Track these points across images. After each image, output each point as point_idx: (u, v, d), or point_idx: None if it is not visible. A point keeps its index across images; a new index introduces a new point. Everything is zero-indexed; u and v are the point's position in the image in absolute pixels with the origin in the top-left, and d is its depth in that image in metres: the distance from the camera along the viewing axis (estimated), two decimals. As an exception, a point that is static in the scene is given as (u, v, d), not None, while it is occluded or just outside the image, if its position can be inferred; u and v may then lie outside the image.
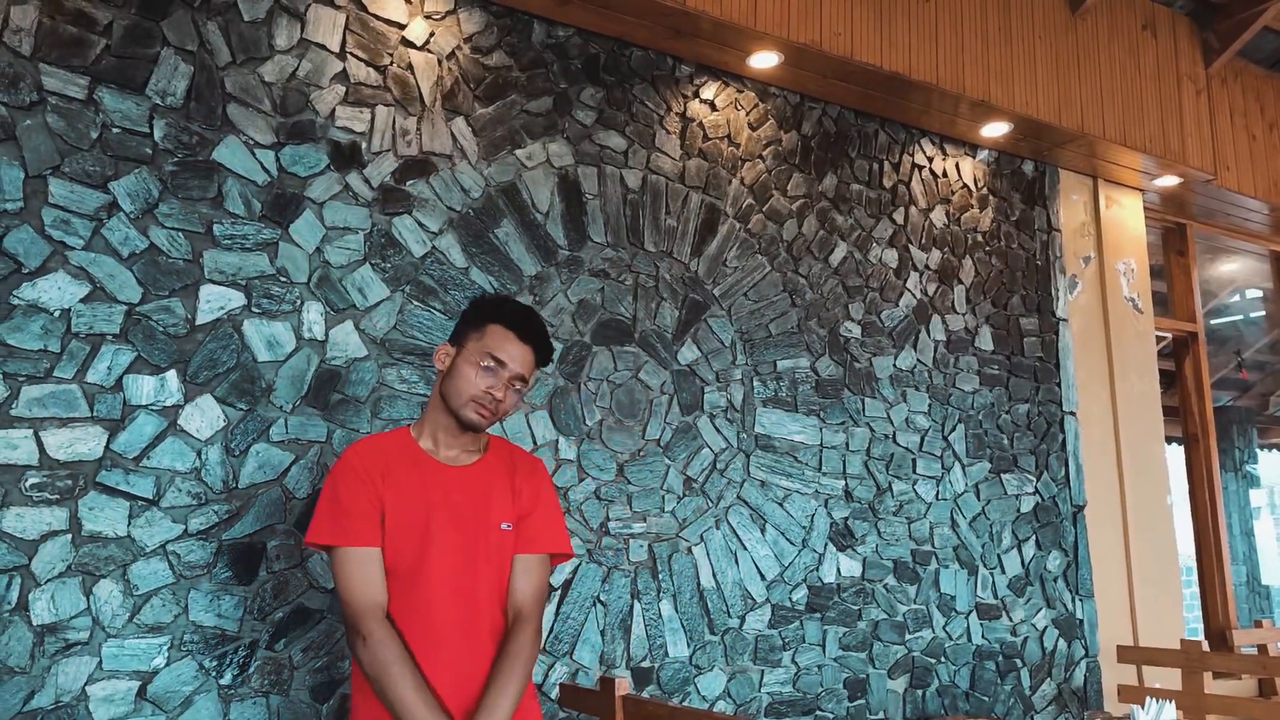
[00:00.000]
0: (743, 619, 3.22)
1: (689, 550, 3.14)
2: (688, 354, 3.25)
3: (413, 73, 2.85)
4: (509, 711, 1.89)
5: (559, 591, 2.87)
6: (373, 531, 1.92)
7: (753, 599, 3.25)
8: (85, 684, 2.19)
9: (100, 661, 2.21)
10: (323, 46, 2.70)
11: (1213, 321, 7.23)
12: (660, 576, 3.06)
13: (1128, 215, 4.69)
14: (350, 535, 1.91)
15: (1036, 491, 4.08)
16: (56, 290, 2.26)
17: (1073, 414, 4.26)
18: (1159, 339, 4.82)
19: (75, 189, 2.31)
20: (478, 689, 1.92)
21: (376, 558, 1.92)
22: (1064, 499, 4.17)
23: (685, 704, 3.01)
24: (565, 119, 3.12)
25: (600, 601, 2.94)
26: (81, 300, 2.28)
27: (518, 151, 3.00)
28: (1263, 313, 7.10)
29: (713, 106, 3.46)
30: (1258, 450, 8.32)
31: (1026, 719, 3.87)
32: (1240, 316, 7.52)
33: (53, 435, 2.22)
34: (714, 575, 3.17)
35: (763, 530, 3.30)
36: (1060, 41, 4.12)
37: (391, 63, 2.82)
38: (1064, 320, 4.32)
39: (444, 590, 1.94)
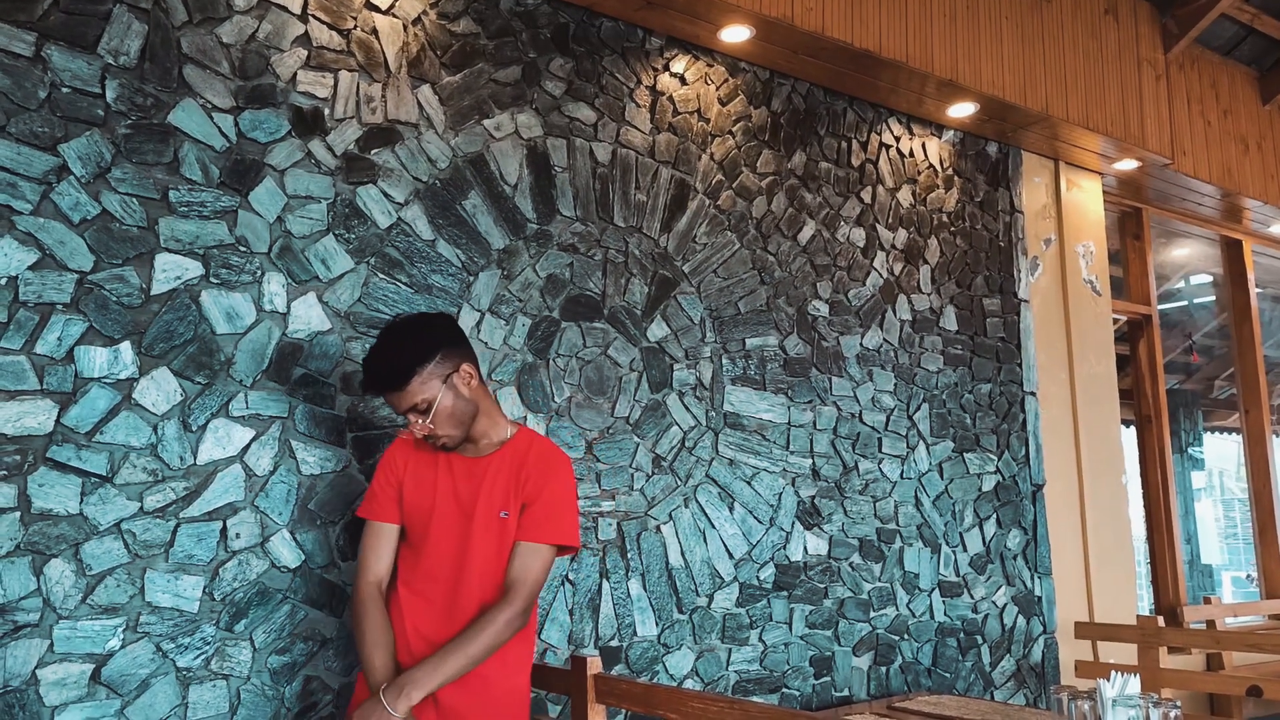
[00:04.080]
0: (711, 598, 3.20)
1: (658, 529, 3.11)
2: (657, 331, 3.21)
3: (377, 37, 2.76)
4: (443, 676, 2.01)
5: (527, 570, 2.82)
6: (388, 510, 2.23)
7: (721, 578, 3.23)
8: (36, 667, 2.10)
9: (51, 644, 2.12)
10: (283, 8, 2.60)
11: (1161, 306, 7.37)
12: (629, 555, 3.03)
13: (1087, 198, 4.74)
14: (370, 510, 2.25)
15: (998, 470, 4.12)
16: (3, 257, 2.15)
17: (1033, 394, 4.30)
18: (1113, 321, 4.88)
19: (22, 150, 2.19)
20: None
21: (388, 532, 2.23)
22: (1024, 478, 4.21)
23: (654, 683, 2.99)
24: (534, 89, 3.05)
25: (569, 581, 2.90)
26: (30, 268, 2.18)
27: (485, 122, 2.93)
28: (1211, 298, 7.24)
29: (683, 80, 3.41)
30: (1203, 433, 8.52)
31: (987, 694, 3.91)
32: (1186, 302, 7.68)
33: (0, 409, 2.11)
34: (682, 554, 3.15)
35: (731, 509, 3.28)
36: (1026, 22, 4.14)
37: (355, 26, 2.73)
38: (1025, 301, 4.36)
39: (442, 563, 2.17)
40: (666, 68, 3.37)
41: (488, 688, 2.12)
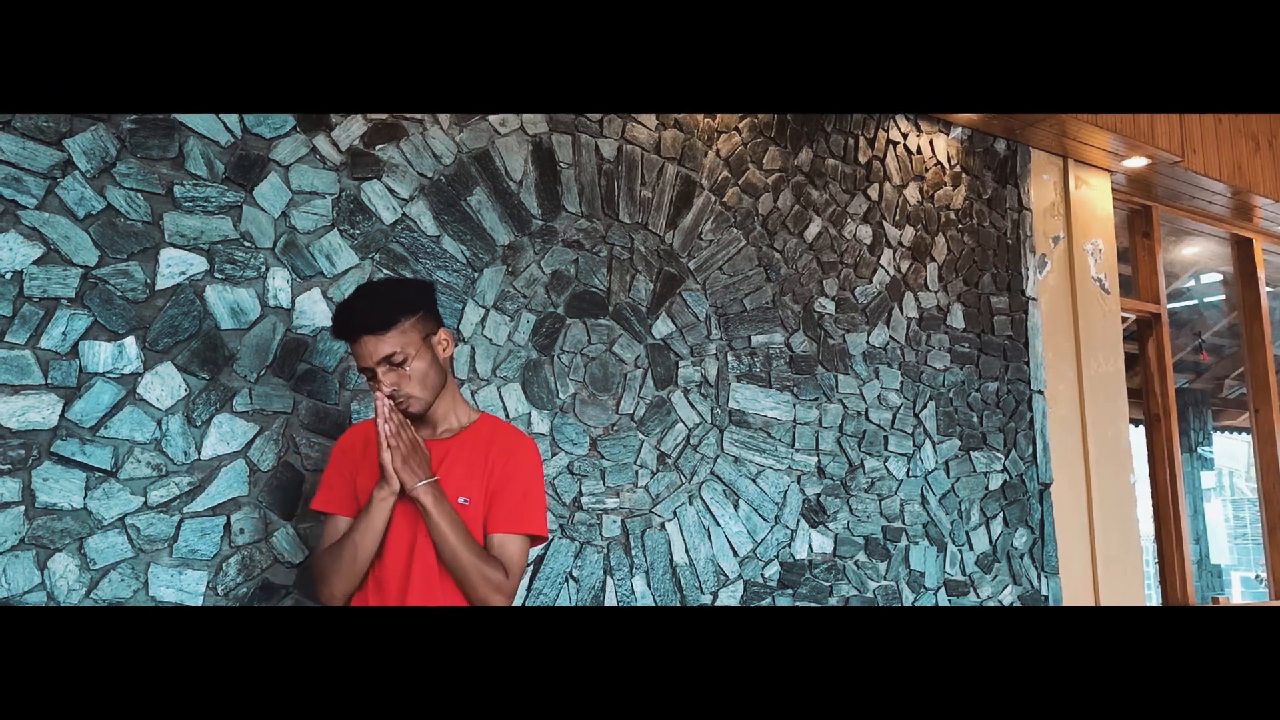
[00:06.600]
0: (715, 595, 3.19)
1: (662, 526, 3.10)
2: (662, 328, 3.20)
3: (383, 33, 2.76)
4: (449, 527, 1.96)
5: (531, 568, 2.82)
6: (342, 503, 2.11)
7: (725, 575, 3.22)
8: (39, 662, 2.10)
9: (55, 638, 2.13)
10: (289, 3, 2.60)
11: (1171, 305, 7.34)
12: (633, 553, 3.03)
13: (1096, 196, 4.71)
14: (325, 503, 2.13)
15: (1004, 469, 4.10)
16: (8, 251, 2.15)
17: (1040, 393, 4.28)
18: (1122, 320, 4.86)
19: (27, 145, 2.20)
20: None
21: (341, 525, 2.09)
22: (1031, 477, 4.19)
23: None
24: (539, 85, 3.04)
25: (573, 578, 2.90)
26: (35, 262, 2.18)
27: (490, 117, 2.93)
28: (1221, 296, 7.20)
29: (689, 76, 3.40)
30: (1212, 432, 8.48)
31: (992, 694, 3.89)
32: (1195, 301, 7.64)
33: (4, 403, 2.12)
34: (687, 551, 3.14)
35: (736, 506, 3.28)
36: (1034, 19, 4.11)
37: (360, 22, 2.72)
38: (1033, 299, 4.34)
39: (397, 553, 2.05)
40: (673, 64, 3.36)
41: None
